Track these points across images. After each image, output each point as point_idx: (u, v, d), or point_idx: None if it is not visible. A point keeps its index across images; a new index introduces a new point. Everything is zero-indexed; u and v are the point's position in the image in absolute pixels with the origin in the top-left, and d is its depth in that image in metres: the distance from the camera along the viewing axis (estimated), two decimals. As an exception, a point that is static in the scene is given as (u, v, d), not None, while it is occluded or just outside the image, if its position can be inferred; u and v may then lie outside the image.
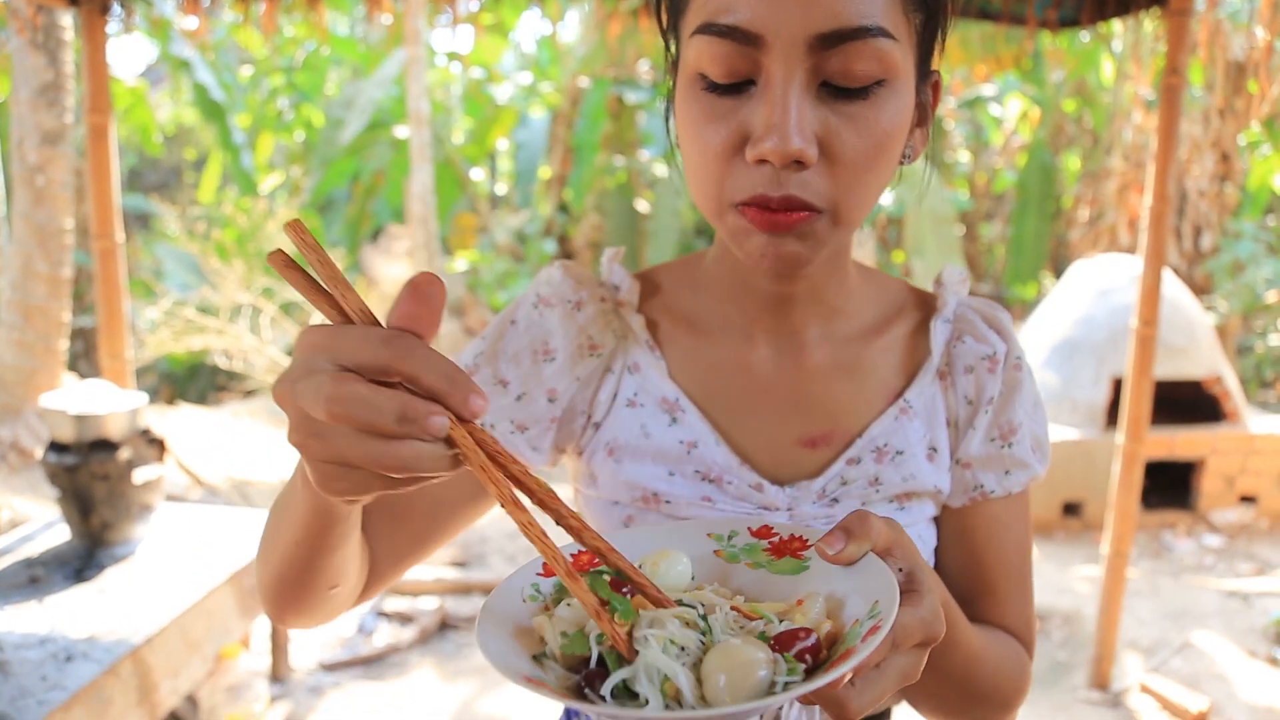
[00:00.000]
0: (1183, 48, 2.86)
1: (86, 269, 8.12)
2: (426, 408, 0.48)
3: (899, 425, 0.87)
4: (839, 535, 0.63)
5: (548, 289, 0.91)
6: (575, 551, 0.67)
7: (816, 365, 0.87)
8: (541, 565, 0.66)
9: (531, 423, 0.89)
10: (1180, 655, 3.74)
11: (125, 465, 2.68)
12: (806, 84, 0.68)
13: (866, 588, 0.61)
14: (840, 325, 0.88)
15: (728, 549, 0.70)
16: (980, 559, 0.90)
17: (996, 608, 0.90)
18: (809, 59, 0.67)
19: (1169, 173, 2.95)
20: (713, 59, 0.70)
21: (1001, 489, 0.89)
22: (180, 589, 2.57)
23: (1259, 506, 5.14)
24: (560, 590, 0.65)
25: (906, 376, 0.89)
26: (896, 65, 0.70)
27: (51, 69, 5.05)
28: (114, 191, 3.09)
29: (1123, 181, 7.60)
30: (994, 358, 0.88)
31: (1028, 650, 0.91)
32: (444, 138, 9.93)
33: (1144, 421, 3.14)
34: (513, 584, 0.65)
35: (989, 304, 0.93)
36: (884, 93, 0.70)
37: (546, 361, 0.89)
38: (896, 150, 0.73)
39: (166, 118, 12.91)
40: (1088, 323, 5.24)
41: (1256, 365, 7.27)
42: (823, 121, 0.69)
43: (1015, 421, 0.89)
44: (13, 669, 2.13)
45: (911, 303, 0.93)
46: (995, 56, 5.24)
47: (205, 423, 6.42)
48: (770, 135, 0.67)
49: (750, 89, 0.70)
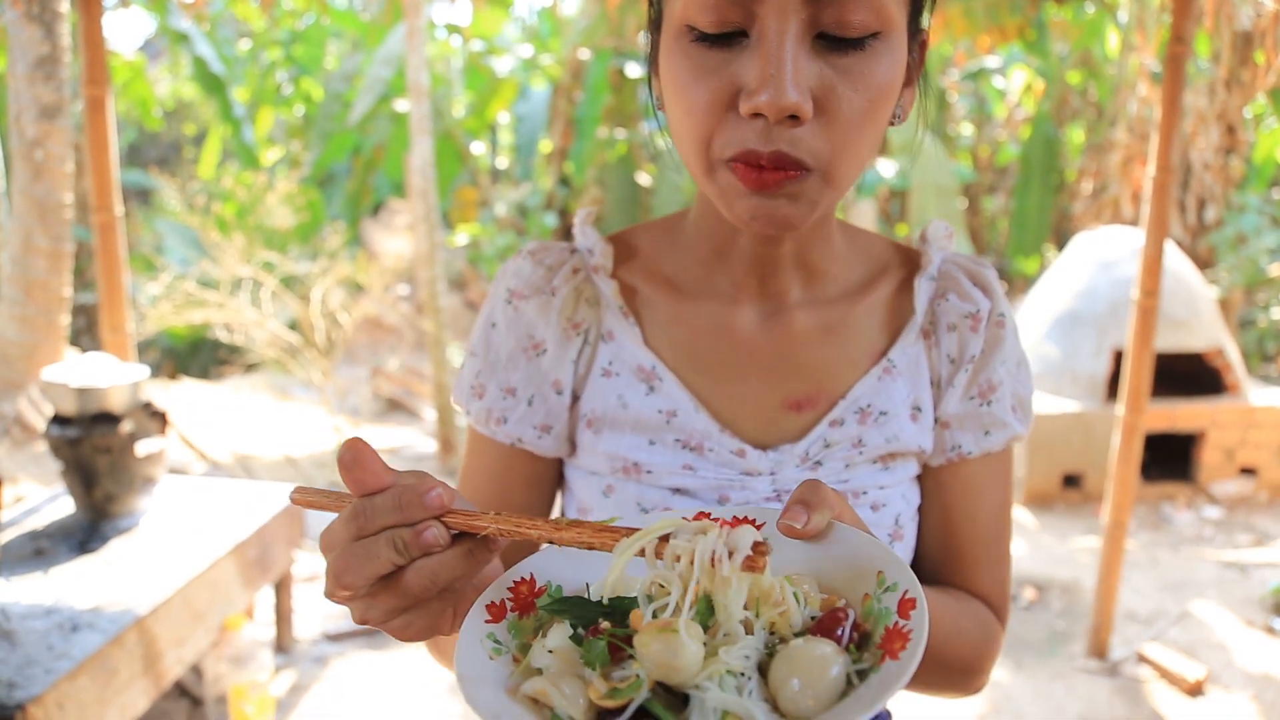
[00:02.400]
0: (1188, 16, 2.83)
1: (87, 244, 8.11)
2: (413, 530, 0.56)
3: (882, 385, 0.86)
4: (798, 509, 0.61)
5: (517, 281, 0.89)
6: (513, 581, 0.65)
7: (800, 328, 0.86)
8: (486, 609, 0.62)
9: (553, 420, 0.89)
10: (1178, 625, 3.77)
11: (127, 438, 2.69)
12: (802, 35, 0.67)
13: (849, 557, 0.59)
14: (824, 287, 0.87)
15: None
16: (954, 519, 0.89)
17: (969, 570, 0.89)
18: (805, 8, 0.66)
19: (1173, 143, 2.93)
20: (702, 8, 0.68)
21: (979, 449, 0.88)
22: (184, 560, 2.59)
23: (1259, 479, 5.15)
24: (518, 631, 0.61)
25: (890, 336, 0.88)
26: (892, 17, 0.69)
27: (48, 42, 5.00)
28: (113, 165, 3.08)
29: (1127, 154, 7.55)
30: (977, 315, 0.87)
31: (998, 615, 0.90)
32: (444, 111, 9.87)
33: (1144, 393, 3.15)
34: (468, 641, 0.59)
35: (975, 260, 0.91)
36: (879, 45, 0.69)
37: (540, 356, 0.88)
38: (889, 107, 0.72)
39: (166, 92, 12.84)
40: (1089, 295, 5.23)
41: (1259, 338, 7.26)
42: (818, 75, 0.67)
43: (995, 380, 0.88)
44: (20, 639, 2.15)
45: (896, 261, 0.91)
46: (999, 27, 5.19)
47: (207, 397, 6.44)
48: (765, 88, 0.65)
49: (742, 40, 0.68)
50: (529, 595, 0.63)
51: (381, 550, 0.56)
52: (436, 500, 0.57)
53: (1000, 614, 0.90)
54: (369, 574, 0.56)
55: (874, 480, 0.86)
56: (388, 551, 0.56)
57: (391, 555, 0.56)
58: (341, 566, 0.56)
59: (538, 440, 0.89)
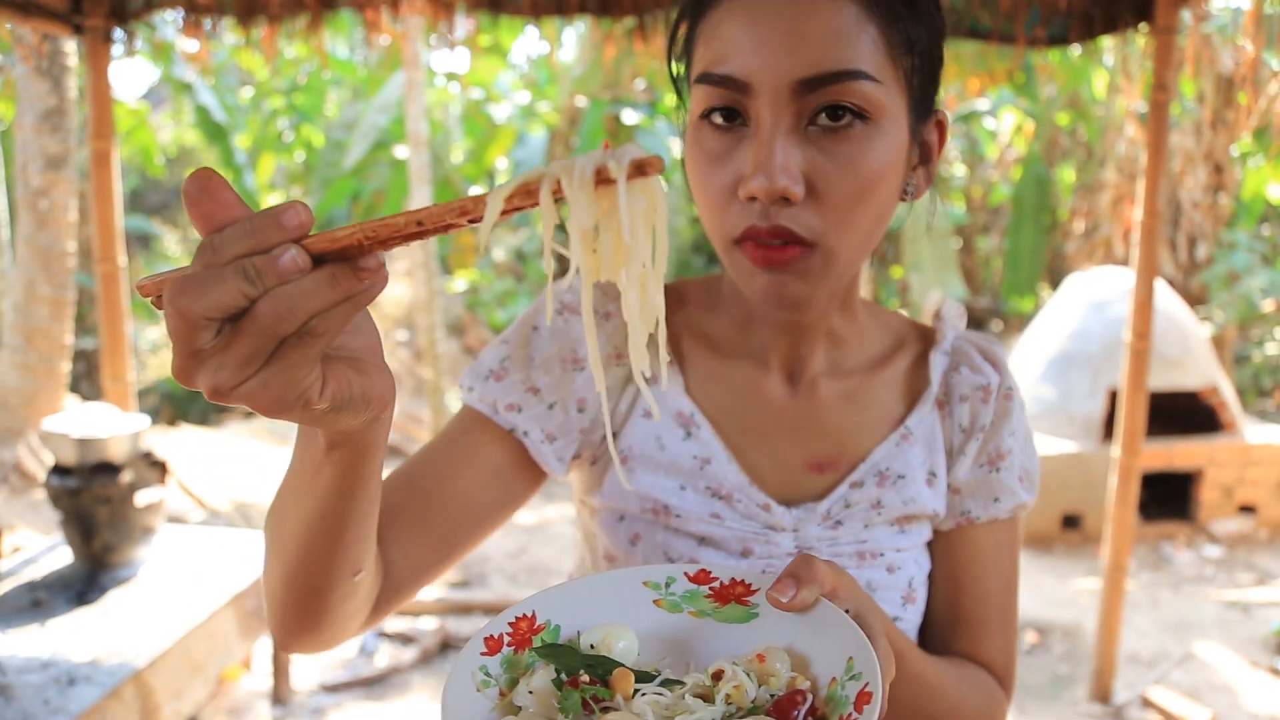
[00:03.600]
0: (1170, 65, 2.89)
1: (89, 290, 8.16)
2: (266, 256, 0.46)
3: (900, 451, 0.90)
4: (788, 582, 0.63)
5: (572, 296, 0.92)
6: (515, 617, 0.66)
7: (825, 394, 0.91)
8: (484, 641, 0.63)
9: (561, 434, 0.90)
10: (1182, 667, 3.74)
11: (127, 488, 2.70)
12: (793, 125, 0.74)
13: (827, 637, 0.60)
14: (847, 356, 0.92)
15: (667, 598, 0.68)
16: (962, 584, 0.91)
17: (975, 636, 0.91)
18: (794, 102, 0.73)
19: (1159, 188, 2.99)
20: (709, 101, 0.77)
21: (987, 515, 0.91)
22: (182, 611, 2.59)
23: (1258, 516, 5.15)
24: (510, 666, 0.63)
25: (908, 405, 0.93)
26: (880, 105, 0.74)
27: (55, 94, 5.10)
28: (117, 216, 3.13)
29: (1117, 194, 7.64)
30: (987, 388, 0.92)
31: (1003, 684, 0.91)
32: (443, 157, 9.98)
33: (1139, 435, 3.16)
34: (460, 670, 0.61)
35: (985, 338, 0.97)
36: (868, 131, 0.75)
37: (577, 371, 0.90)
38: (886, 188, 0.77)
39: (168, 139, 12.99)
40: (1083, 335, 5.27)
41: (1254, 374, 7.29)
42: (809, 160, 0.74)
43: (1004, 448, 0.92)
44: (15, 693, 2.14)
45: (913, 336, 0.97)
46: (988, 71, 5.28)
47: (207, 444, 6.44)
48: (758, 174, 0.73)
49: (745, 131, 0.76)
50: (527, 632, 0.65)
51: (229, 277, 0.45)
52: (294, 219, 0.46)
53: (1005, 683, 0.92)
54: (214, 304, 0.45)
55: (891, 542, 0.89)
56: (236, 279, 0.45)
57: (241, 284, 0.45)
58: (182, 303, 0.45)
59: (539, 443, 0.89)
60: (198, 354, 0.47)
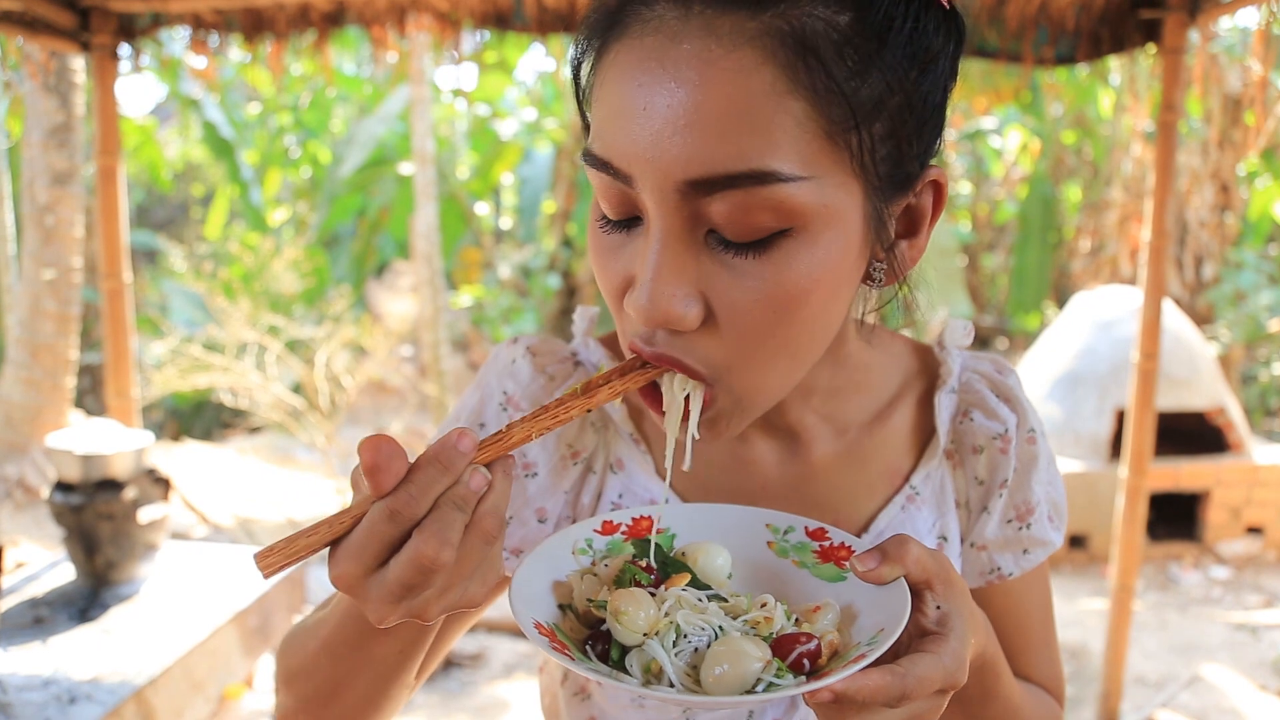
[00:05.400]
0: (1177, 85, 2.89)
1: (94, 305, 8.18)
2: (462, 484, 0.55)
3: (906, 515, 0.82)
4: (875, 554, 0.62)
5: (514, 386, 0.82)
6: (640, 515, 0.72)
7: (818, 457, 0.81)
8: (601, 523, 0.71)
9: (526, 545, 0.82)
10: (1189, 689, 3.71)
11: (130, 505, 2.69)
12: (685, 232, 0.58)
13: (883, 612, 0.62)
14: (840, 408, 0.82)
15: (780, 542, 0.72)
16: (1004, 631, 0.85)
17: (1023, 664, 0.87)
18: (685, 206, 0.57)
19: (1167, 208, 2.98)
20: (600, 192, 0.63)
21: (1019, 569, 0.84)
22: (184, 629, 2.57)
23: (1266, 537, 5.11)
24: (613, 550, 0.70)
25: (912, 457, 0.83)
26: (808, 210, 0.57)
27: (63, 111, 5.13)
28: (122, 233, 3.13)
29: (1123, 213, 7.64)
30: (1006, 435, 0.81)
31: (1059, 700, 0.88)
32: (449, 173, 10.02)
33: (1146, 455, 3.14)
34: (567, 534, 0.69)
35: (996, 366, 0.86)
36: (791, 244, 0.58)
37: (529, 478, 0.81)
38: (819, 302, 0.61)
39: (175, 155, 13.06)
40: (1089, 355, 5.25)
41: (1261, 394, 7.26)
42: (707, 277, 0.59)
43: (1033, 501, 0.83)
44: (16, 711, 2.13)
45: (915, 370, 0.86)
46: (995, 90, 5.30)
47: (211, 459, 6.43)
48: (638, 294, 0.59)
49: (639, 226, 0.62)
50: (646, 528, 0.72)
51: (450, 515, 0.54)
52: (469, 444, 0.55)
53: (1060, 699, 0.89)
54: (454, 542, 0.53)
55: None
56: (455, 514, 0.54)
57: (459, 516, 0.54)
58: (425, 555, 0.53)
59: (507, 558, 0.82)
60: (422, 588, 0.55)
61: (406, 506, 0.53)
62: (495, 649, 4.01)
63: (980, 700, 0.72)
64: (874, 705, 0.56)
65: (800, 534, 0.71)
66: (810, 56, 0.55)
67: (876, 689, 0.55)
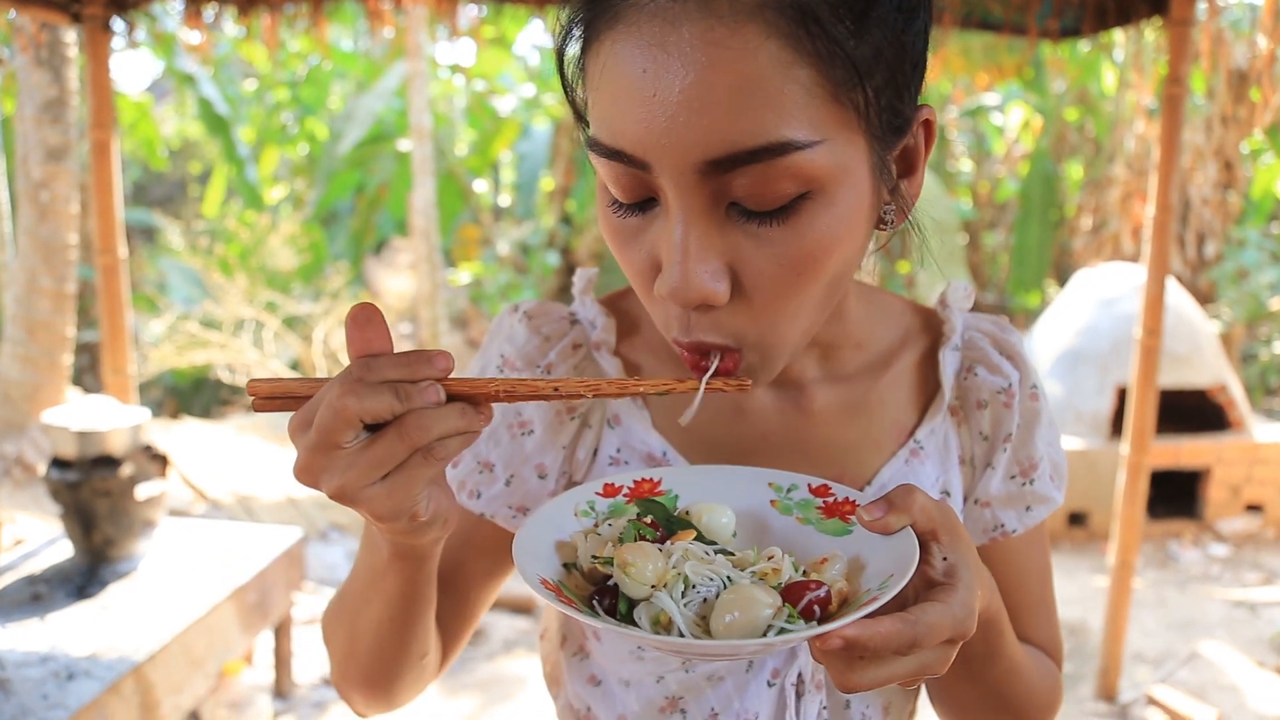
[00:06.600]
0: (1184, 57, 2.86)
1: (90, 283, 8.15)
2: (415, 384, 0.55)
3: (910, 469, 0.82)
4: (881, 504, 0.62)
5: (511, 348, 0.83)
6: (642, 478, 0.73)
7: (820, 408, 0.81)
8: (603, 485, 0.72)
9: (531, 502, 0.83)
10: (1188, 666, 3.72)
11: (128, 481, 2.68)
12: (708, 209, 0.59)
13: (893, 561, 0.61)
14: (842, 360, 0.82)
15: (783, 500, 0.72)
16: (1004, 589, 0.85)
17: (1022, 624, 0.87)
18: (706, 184, 0.58)
19: (1171, 183, 2.95)
20: (611, 179, 0.62)
21: (1022, 525, 0.85)
22: (183, 605, 2.57)
23: (1265, 515, 5.12)
24: (615, 512, 0.71)
25: (916, 412, 0.84)
26: (823, 172, 0.58)
27: (55, 85, 5.07)
28: (117, 207, 3.10)
29: (1125, 190, 7.60)
30: (1009, 390, 0.83)
31: (1057, 663, 0.88)
32: (447, 150, 9.96)
33: (1148, 432, 3.13)
34: (569, 497, 0.70)
35: (998, 325, 0.87)
36: (811, 206, 0.59)
37: (525, 435, 0.82)
38: (840, 256, 0.63)
39: (171, 132, 12.98)
40: (1091, 332, 5.23)
41: (1261, 372, 7.25)
42: (733, 249, 0.60)
43: (1036, 456, 0.84)
44: (14, 687, 2.13)
45: (917, 327, 0.87)
46: (997, 65, 5.25)
47: (208, 437, 6.42)
48: (668, 276, 0.60)
49: (656, 207, 0.63)
50: (648, 490, 0.72)
51: (385, 393, 0.55)
52: (443, 363, 0.57)
53: (1058, 661, 0.89)
54: (369, 409, 0.54)
55: None
56: (388, 396, 0.55)
57: (393, 400, 0.55)
58: (346, 402, 0.54)
59: (511, 520, 0.83)
60: (334, 452, 0.55)
61: (362, 368, 0.55)
62: (495, 626, 4.02)
63: (984, 658, 0.72)
64: (884, 653, 0.56)
65: (804, 491, 0.71)
66: (811, 23, 0.56)
67: (888, 635, 0.55)
